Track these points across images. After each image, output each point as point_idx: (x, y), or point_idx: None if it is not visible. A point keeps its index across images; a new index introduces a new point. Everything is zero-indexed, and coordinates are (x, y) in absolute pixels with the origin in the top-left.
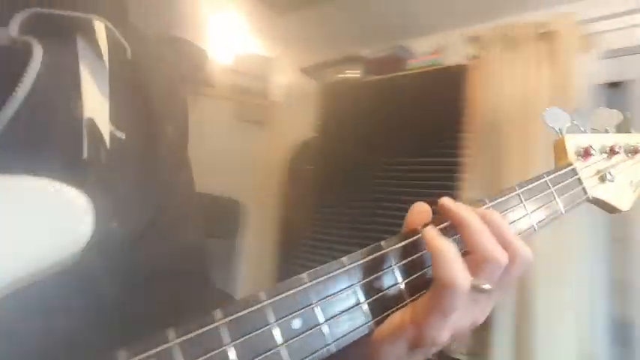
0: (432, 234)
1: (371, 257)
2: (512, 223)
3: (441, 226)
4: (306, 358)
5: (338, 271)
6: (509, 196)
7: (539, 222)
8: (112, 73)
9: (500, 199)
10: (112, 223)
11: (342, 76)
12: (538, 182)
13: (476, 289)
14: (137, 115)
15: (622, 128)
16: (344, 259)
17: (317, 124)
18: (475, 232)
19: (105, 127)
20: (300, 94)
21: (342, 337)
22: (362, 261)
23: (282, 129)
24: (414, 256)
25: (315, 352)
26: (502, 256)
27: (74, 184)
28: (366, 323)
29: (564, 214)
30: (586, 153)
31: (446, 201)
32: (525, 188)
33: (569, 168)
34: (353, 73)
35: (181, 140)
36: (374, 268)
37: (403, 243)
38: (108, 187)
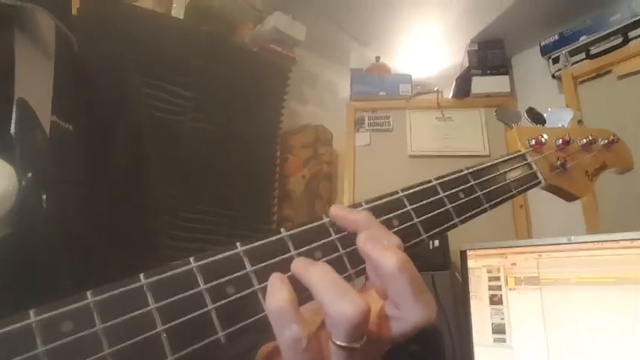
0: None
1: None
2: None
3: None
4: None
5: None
6: (459, 175)
7: (491, 203)
8: (58, 65)
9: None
10: (40, 197)
11: None
12: (487, 165)
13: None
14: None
15: (575, 125)
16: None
17: None
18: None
19: (44, 114)
20: None
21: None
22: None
23: None
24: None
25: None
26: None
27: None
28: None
29: (515, 196)
30: (537, 143)
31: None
32: (474, 169)
33: (518, 154)
34: None
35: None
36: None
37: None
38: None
